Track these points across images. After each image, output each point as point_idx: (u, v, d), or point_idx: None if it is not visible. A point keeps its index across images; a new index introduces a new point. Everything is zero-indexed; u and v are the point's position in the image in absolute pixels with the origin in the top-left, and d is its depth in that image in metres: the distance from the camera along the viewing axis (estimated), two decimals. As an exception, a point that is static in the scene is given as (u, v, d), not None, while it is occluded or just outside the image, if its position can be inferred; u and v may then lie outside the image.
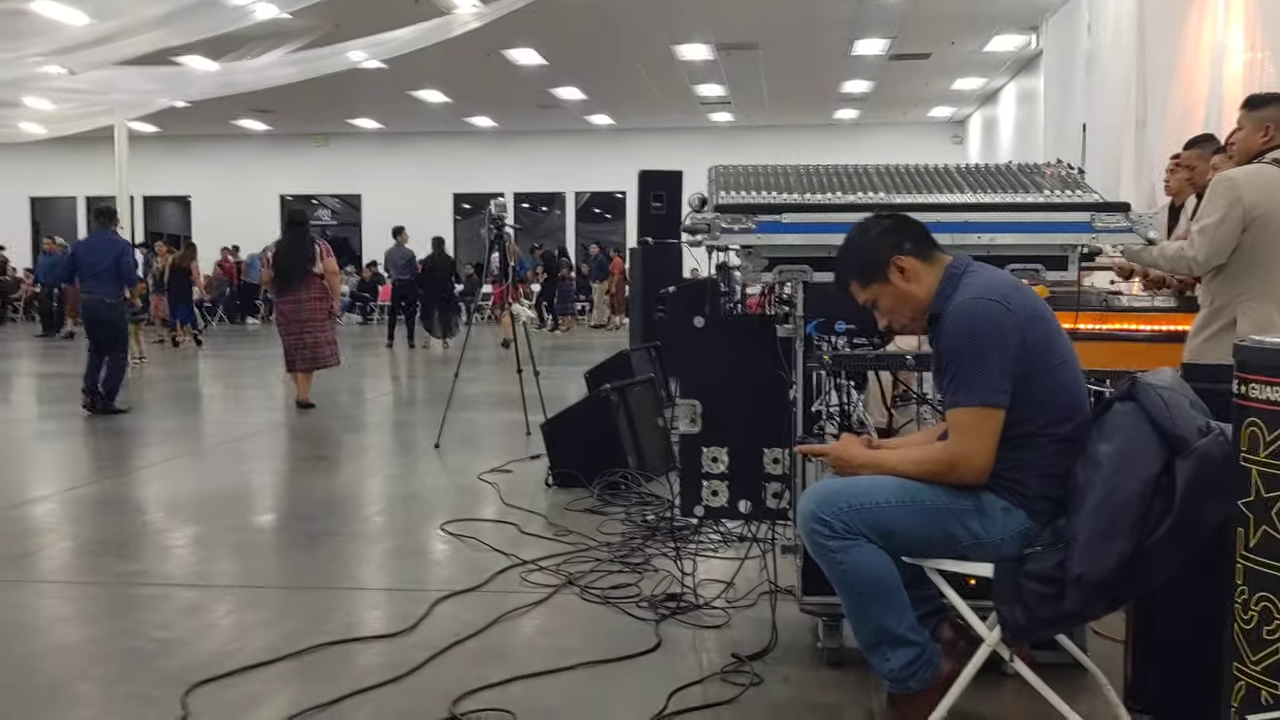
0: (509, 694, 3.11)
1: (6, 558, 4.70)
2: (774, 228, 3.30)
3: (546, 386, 8.17)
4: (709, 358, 3.71)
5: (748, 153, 5.09)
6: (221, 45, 13.52)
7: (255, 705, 3.06)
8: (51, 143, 20.13)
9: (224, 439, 8.10)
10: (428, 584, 4.26)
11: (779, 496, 3.66)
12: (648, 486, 5.71)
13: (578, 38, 16.59)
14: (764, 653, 3.37)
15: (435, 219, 25.96)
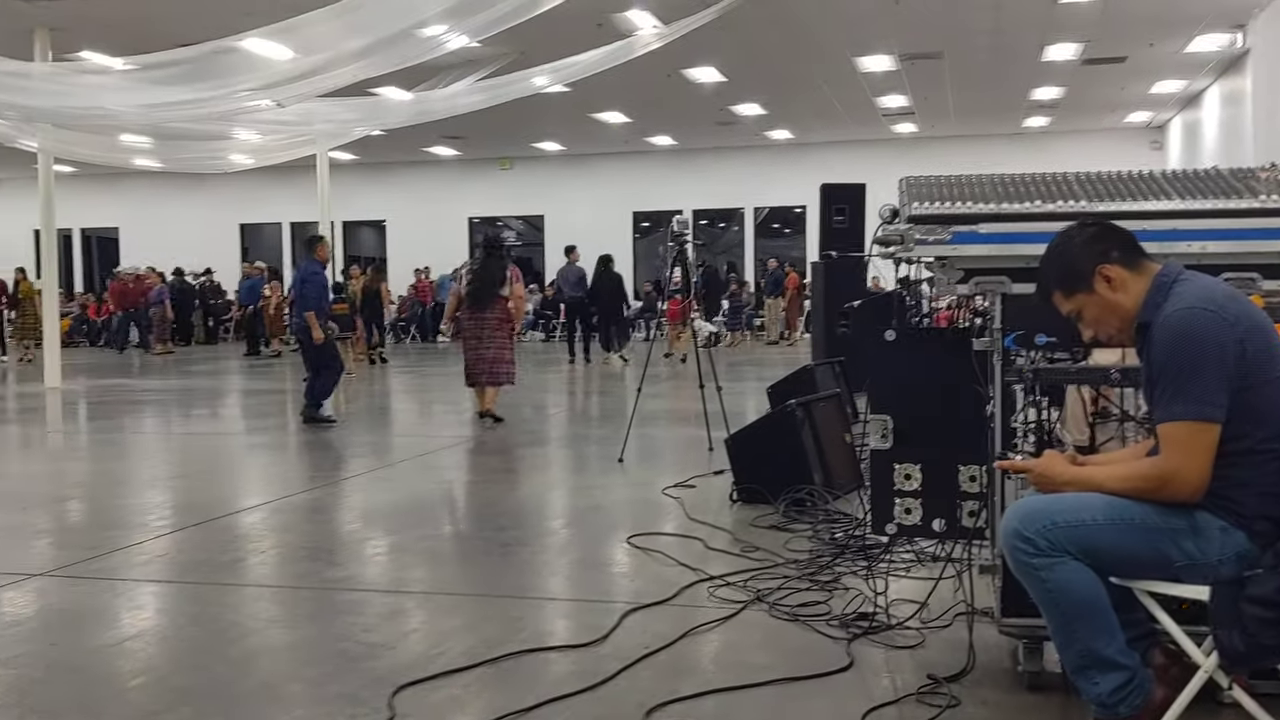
0: (701, 708, 3.12)
1: (222, 563, 4.99)
2: (970, 238, 3.23)
3: (727, 402, 8.16)
4: (901, 372, 3.64)
5: (932, 164, 5.00)
6: (415, 75, 14.09)
7: (457, 708, 3.16)
8: (258, 172, 21.37)
9: (416, 452, 8.41)
10: (616, 596, 4.31)
11: (975, 515, 3.55)
12: (834, 504, 5.65)
13: (758, 53, 16.60)
14: (961, 675, 3.27)
15: (615, 237, 26.37)
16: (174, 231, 28.88)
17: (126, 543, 5.36)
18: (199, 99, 11.88)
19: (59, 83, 12.43)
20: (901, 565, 4.45)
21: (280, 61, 11.47)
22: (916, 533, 3.74)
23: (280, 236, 29.70)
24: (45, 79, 12.44)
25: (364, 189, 27.86)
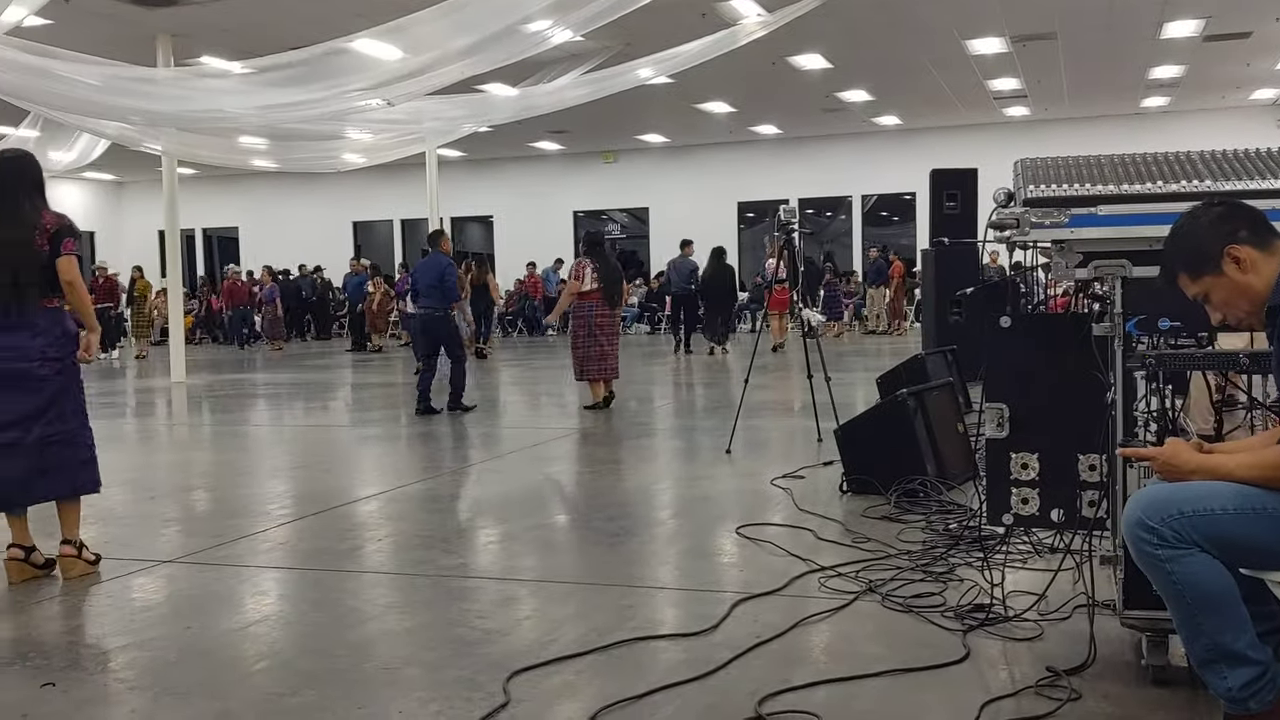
0: (813, 697, 3.10)
1: (341, 551, 5.12)
2: (1089, 221, 3.14)
3: (835, 393, 8.09)
4: (1017, 359, 3.56)
5: (1046, 147, 4.87)
6: (520, 71, 14.23)
7: (571, 694, 3.19)
8: (370, 170, 21.83)
9: (526, 443, 8.51)
10: (725, 585, 4.32)
11: (1095, 505, 3.46)
12: (948, 494, 5.56)
13: (864, 39, 16.38)
14: (1081, 668, 3.20)
15: (720, 228, 26.31)
16: (291, 230, 29.72)
17: (250, 531, 5.54)
18: (312, 100, 12.17)
19: (181, 87, 12.86)
20: (1018, 556, 4.37)
21: (389, 61, 11.69)
22: (1034, 523, 3.65)
23: (391, 233, 30.31)
24: (168, 84, 12.88)
25: (471, 185, 28.28)
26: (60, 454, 4.61)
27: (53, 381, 4.57)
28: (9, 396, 4.50)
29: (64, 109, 12.54)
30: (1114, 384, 3.22)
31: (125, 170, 28.01)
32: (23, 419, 4.51)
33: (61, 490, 4.65)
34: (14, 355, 4.50)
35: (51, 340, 4.56)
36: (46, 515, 4.74)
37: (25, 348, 4.50)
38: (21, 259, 4.49)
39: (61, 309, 4.64)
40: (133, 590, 4.53)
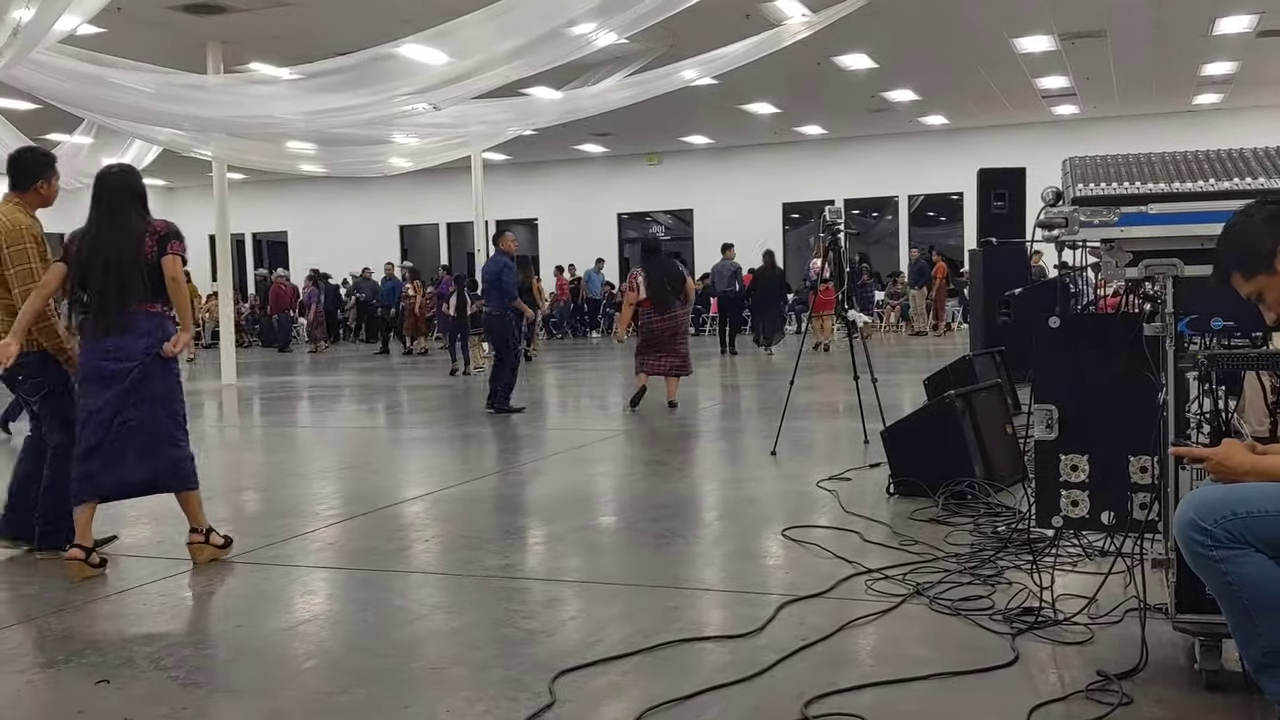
0: (860, 700, 3.08)
1: (388, 551, 5.17)
2: (1139, 219, 3.11)
3: (881, 394, 8.04)
4: (1066, 360, 3.52)
5: (1096, 146, 4.80)
6: (565, 74, 14.28)
7: (616, 695, 3.20)
8: (416, 174, 21.99)
9: (570, 445, 8.54)
10: (771, 588, 4.30)
11: (1147, 507, 3.41)
12: (996, 496, 5.51)
13: (910, 38, 16.27)
14: (1133, 672, 3.15)
15: (765, 229, 26.25)
16: (339, 234, 30.01)
17: (300, 531, 5.60)
18: (360, 105, 12.30)
19: (231, 93, 13.04)
20: (1068, 559, 4.32)
21: (436, 65, 11.78)
22: (1084, 526, 3.61)
23: (437, 237, 30.52)
24: (218, 90, 13.07)
25: (516, 188, 28.39)
26: (165, 451, 4.84)
27: (152, 383, 4.79)
28: (113, 396, 4.73)
29: (117, 116, 12.76)
30: (1166, 385, 3.18)
31: (176, 176, 28.42)
32: (121, 419, 4.74)
33: (183, 481, 4.91)
34: (119, 356, 4.72)
35: (153, 342, 4.78)
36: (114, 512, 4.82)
37: (129, 349, 4.73)
38: (128, 267, 4.72)
39: (163, 314, 4.85)
40: (184, 589, 4.60)
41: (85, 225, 4.88)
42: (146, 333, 4.76)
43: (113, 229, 4.78)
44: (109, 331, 4.73)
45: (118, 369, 4.71)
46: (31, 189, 5.15)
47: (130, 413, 4.74)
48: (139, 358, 4.72)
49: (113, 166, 5.03)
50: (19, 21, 8.59)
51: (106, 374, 4.72)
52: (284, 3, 13.23)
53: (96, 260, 4.75)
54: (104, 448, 4.73)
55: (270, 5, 13.32)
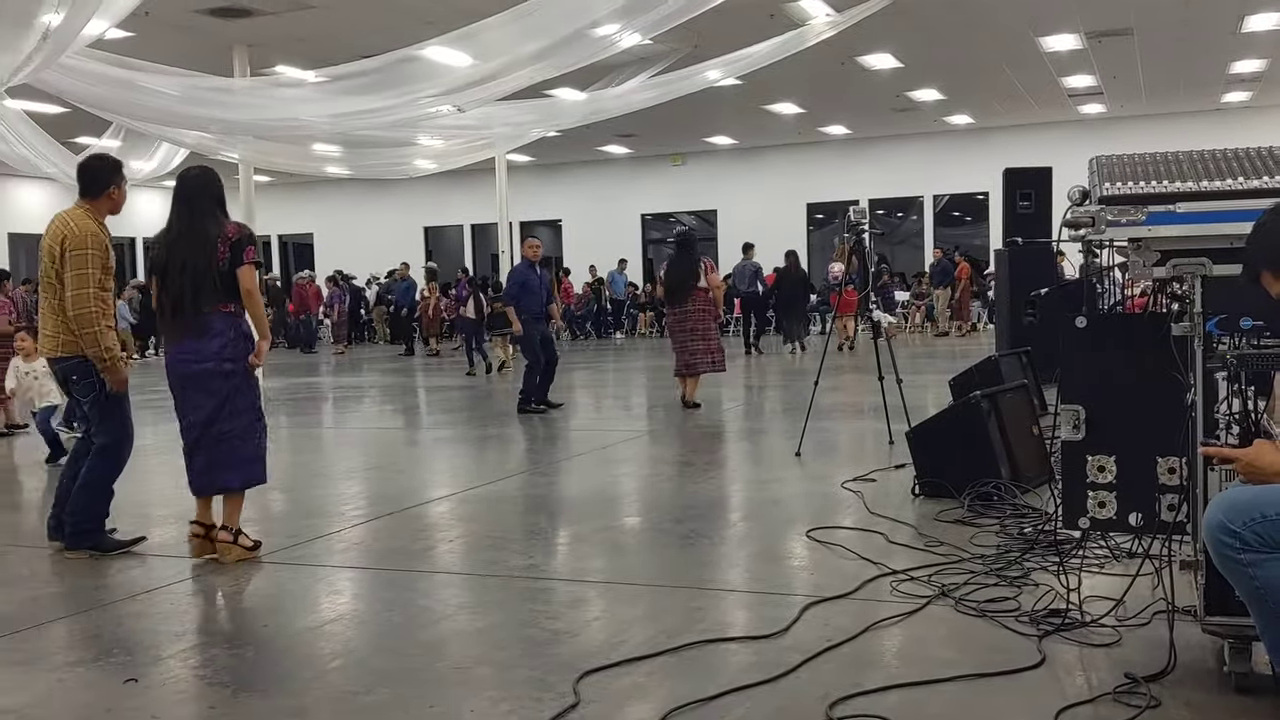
0: (885, 701, 3.07)
1: (414, 551, 5.19)
2: (1166, 218, 3.08)
3: (906, 395, 8.00)
4: (1093, 360, 3.50)
5: (1123, 145, 4.78)
6: (589, 75, 14.29)
7: (640, 695, 3.20)
8: (440, 176, 22.08)
9: (594, 445, 8.55)
10: (795, 589, 4.30)
11: (1175, 508, 3.39)
12: (1022, 498, 5.48)
13: (935, 37, 16.20)
14: (1161, 675, 3.13)
15: (789, 230, 26.19)
16: (364, 236, 30.13)
17: (326, 531, 5.63)
18: (385, 107, 12.35)
19: (257, 96, 13.13)
20: (1095, 561, 4.29)
21: (460, 67, 11.82)
22: (1111, 527, 3.58)
23: (461, 239, 30.60)
24: (244, 93, 13.16)
25: (540, 189, 28.44)
26: (236, 447, 5.00)
27: (228, 383, 4.95)
28: (190, 396, 4.96)
29: (144, 119, 12.87)
30: (1194, 385, 3.15)
31: (204, 178, 28.61)
32: (203, 418, 4.95)
33: (233, 483, 5.03)
34: (194, 357, 4.91)
35: (227, 342, 4.93)
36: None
37: (204, 350, 4.90)
38: (203, 270, 4.86)
39: (236, 314, 4.99)
40: (212, 589, 4.63)
41: (165, 227, 5.05)
42: (220, 333, 4.91)
43: (190, 232, 4.93)
44: (185, 335, 4.92)
45: (199, 370, 4.90)
46: (103, 195, 5.26)
47: (225, 424, 4.95)
48: (213, 358, 4.89)
49: (193, 169, 5.16)
50: (48, 26, 8.68)
51: (190, 374, 4.93)
52: (309, 5, 13.30)
53: (174, 262, 4.91)
54: (201, 453, 4.99)
55: (296, 8, 13.40)
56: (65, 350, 5.13)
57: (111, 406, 5.21)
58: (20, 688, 3.43)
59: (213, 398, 4.92)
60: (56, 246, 5.06)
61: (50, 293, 5.15)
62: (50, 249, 5.10)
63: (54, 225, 5.14)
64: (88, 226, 5.11)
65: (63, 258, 5.04)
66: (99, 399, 5.18)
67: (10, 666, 3.65)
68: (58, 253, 5.05)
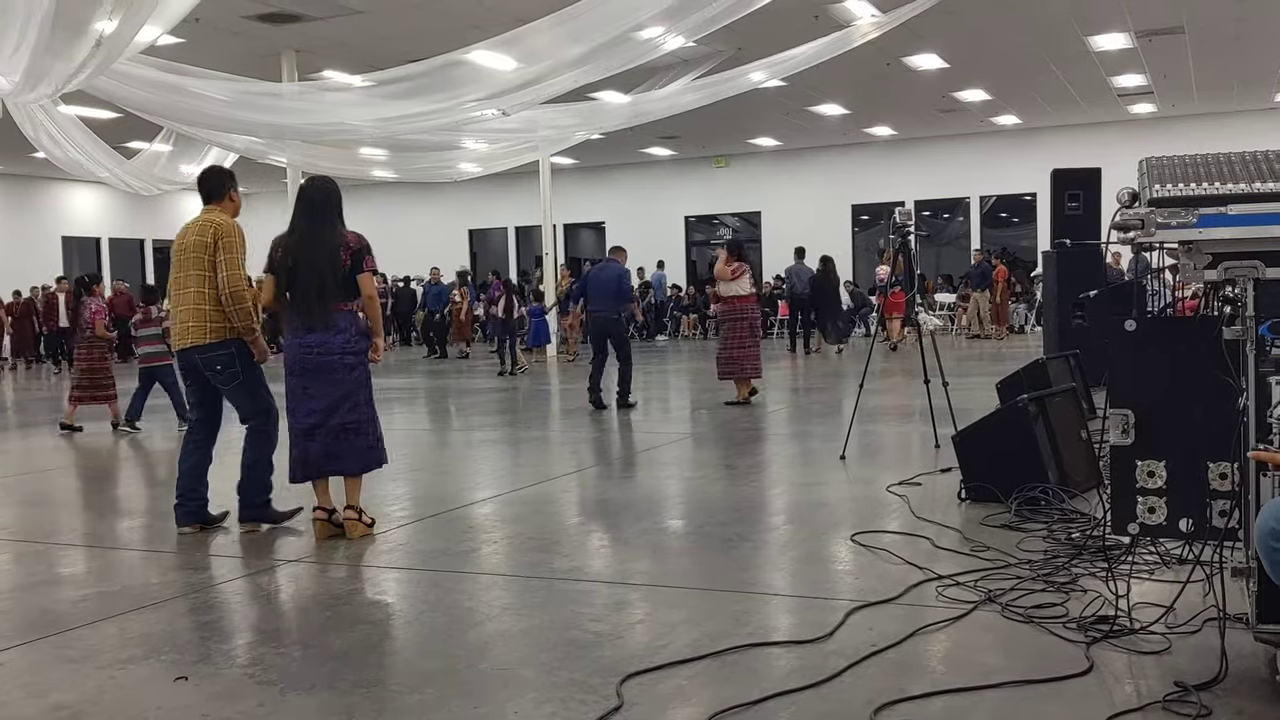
0: (930, 708, 3.05)
1: (458, 553, 5.22)
2: (1218, 220, 3.04)
3: (952, 398, 7.94)
4: (1142, 363, 3.45)
5: (1174, 145, 4.71)
6: (632, 78, 14.32)
7: (684, 699, 3.20)
8: (485, 179, 22.21)
9: (637, 448, 8.56)
10: (840, 593, 4.27)
11: (1226, 515, 3.33)
12: (1070, 502, 5.42)
13: (982, 37, 16.07)
14: (1212, 683, 3.08)
15: (833, 232, 26.09)
16: (409, 238, 30.31)
17: (370, 532, 5.67)
18: (431, 111, 12.46)
19: (305, 101, 13.29)
20: (1144, 567, 4.23)
21: (505, 71, 11.89)
22: (1161, 533, 3.53)
23: (506, 241, 30.74)
24: (293, 98, 13.32)
25: (583, 192, 28.52)
26: (352, 439, 5.49)
27: (350, 375, 5.46)
28: (314, 386, 5.43)
29: (195, 123, 13.07)
30: (1246, 389, 3.10)
31: (252, 182, 28.90)
32: (325, 406, 5.43)
33: (353, 469, 5.51)
34: (320, 351, 5.40)
35: (349, 338, 5.45)
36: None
37: (328, 344, 5.40)
38: (327, 273, 5.36)
39: (355, 312, 5.51)
40: (261, 589, 4.68)
41: (287, 231, 5.60)
42: (342, 329, 5.41)
43: (314, 236, 5.44)
44: (311, 328, 5.39)
45: (322, 362, 5.39)
46: (224, 198, 5.86)
47: (347, 416, 5.45)
48: (337, 351, 5.39)
49: (315, 179, 5.75)
50: (101, 33, 8.83)
51: (309, 366, 5.40)
52: (356, 11, 13.43)
53: (300, 264, 5.39)
54: (319, 440, 5.43)
55: (343, 13, 13.54)
56: (214, 336, 5.60)
57: (253, 390, 5.74)
58: (72, 685, 3.49)
59: (336, 388, 5.40)
60: (209, 240, 5.59)
61: (198, 285, 5.60)
62: (199, 243, 5.61)
63: (197, 225, 5.70)
64: (231, 222, 5.74)
65: (215, 247, 5.58)
66: (242, 385, 5.70)
67: (62, 664, 3.72)
68: (210, 244, 5.58)
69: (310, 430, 5.43)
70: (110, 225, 29.00)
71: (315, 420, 5.42)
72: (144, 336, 10.53)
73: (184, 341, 5.68)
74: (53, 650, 3.87)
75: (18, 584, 4.90)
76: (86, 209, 28.38)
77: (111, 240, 29.10)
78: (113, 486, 8.05)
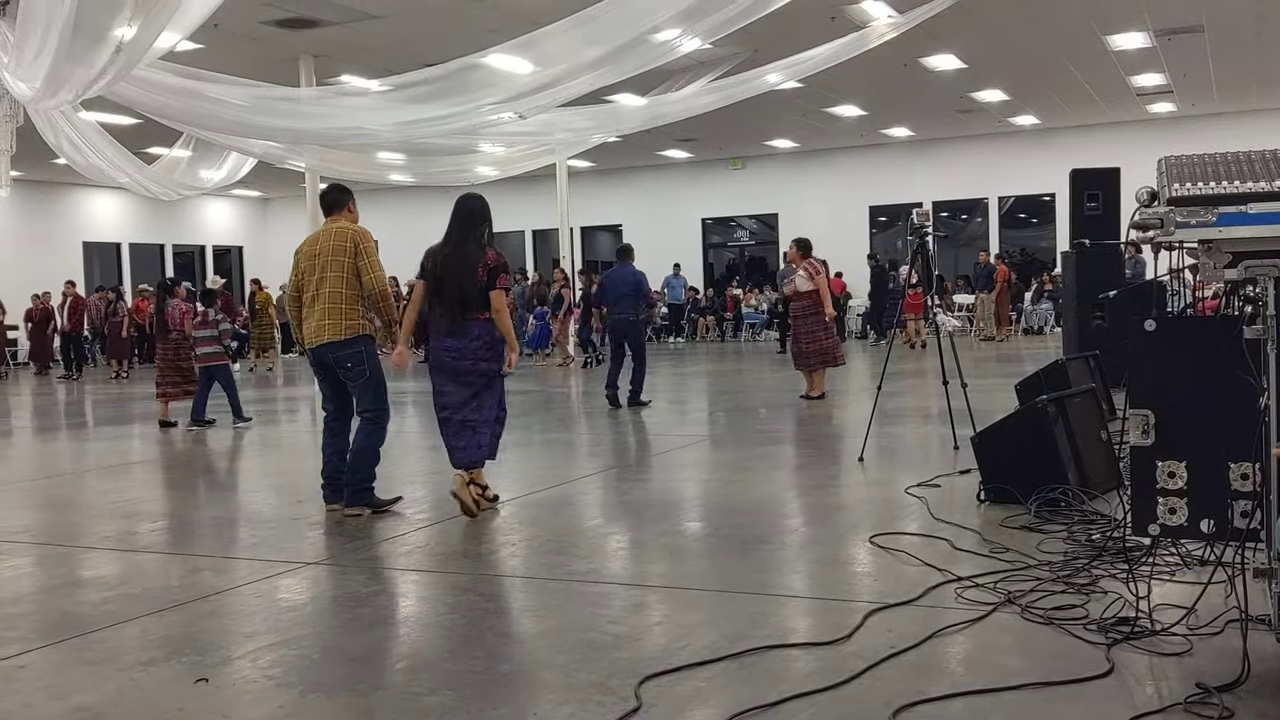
0: (949, 710, 3.04)
1: (476, 554, 5.24)
2: (1239, 219, 3.02)
3: (971, 399, 7.91)
4: (1162, 364, 3.43)
5: (1194, 144, 4.68)
6: (649, 80, 14.32)
7: (702, 700, 3.20)
8: (502, 183, 22.20)
9: (655, 450, 8.55)
10: (858, 595, 4.26)
11: (1248, 515, 3.31)
12: (1090, 504, 5.39)
13: (999, 37, 16.01)
14: (1234, 685, 3.06)
15: (851, 233, 26.02)
16: (428, 242, 30.13)
17: (390, 534, 5.70)
18: (447, 114, 12.45)
19: (323, 106, 13.31)
20: (1165, 568, 4.21)
21: (521, 75, 11.89)
22: (1182, 534, 3.50)
23: (523, 244, 30.78)
24: (310, 103, 13.35)
25: (600, 194, 28.53)
26: (467, 438, 6.03)
27: (480, 379, 6.03)
28: (448, 385, 6.04)
29: (214, 129, 13.11)
30: (1267, 389, 3.08)
31: (271, 187, 29.11)
32: (454, 404, 6.03)
33: (475, 460, 6.07)
34: (457, 355, 6.00)
35: (483, 345, 6.01)
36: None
37: (464, 350, 5.99)
38: (467, 284, 5.93)
39: (490, 321, 6.02)
40: (280, 591, 4.70)
41: (440, 242, 6.13)
42: (478, 336, 5.99)
43: (461, 251, 6.00)
44: (451, 333, 5.99)
45: (459, 366, 5.99)
46: (344, 211, 6.47)
47: (471, 415, 6.02)
48: (472, 356, 5.97)
49: (472, 195, 6.27)
50: (121, 39, 8.88)
51: (447, 368, 6.03)
52: (373, 16, 13.48)
53: (447, 274, 5.97)
54: (451, 433, 6.05)
55: (360, 18, 13.59)
56: (349, 332, 6.15)
57: (375, 386, 6.28)
58: (94, 687, 3.51)
59: (466, 389, 5.99)
60: (348, 244, 6.20)
61: (334, 286, 6.15)
62: (338, 248, 6.19)
63: (331, 232, 6.29)
64: (365, 229, 6.38)
65: (356, 252, 6.18)
66: (368, 381, 6.24)
67: (84, 666, 3.74)
68: (350, 249, 6.18)
69: (443, 422, 6.08)
70: (131, 230, 29.17)
71: (446, 414, 6.05)
72: (202, 338, 11.13)
73: (319, 339, 6.19)
74: (74, 652, 3.89)
75: (40, 587, 4.94)
76: (107, 214, 28.56)
77: (132, 245, 29.27)
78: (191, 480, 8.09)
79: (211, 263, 30.71)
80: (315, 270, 6.22)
